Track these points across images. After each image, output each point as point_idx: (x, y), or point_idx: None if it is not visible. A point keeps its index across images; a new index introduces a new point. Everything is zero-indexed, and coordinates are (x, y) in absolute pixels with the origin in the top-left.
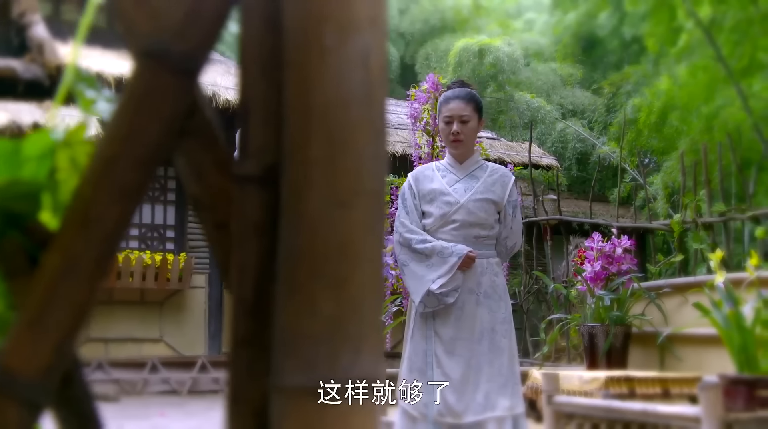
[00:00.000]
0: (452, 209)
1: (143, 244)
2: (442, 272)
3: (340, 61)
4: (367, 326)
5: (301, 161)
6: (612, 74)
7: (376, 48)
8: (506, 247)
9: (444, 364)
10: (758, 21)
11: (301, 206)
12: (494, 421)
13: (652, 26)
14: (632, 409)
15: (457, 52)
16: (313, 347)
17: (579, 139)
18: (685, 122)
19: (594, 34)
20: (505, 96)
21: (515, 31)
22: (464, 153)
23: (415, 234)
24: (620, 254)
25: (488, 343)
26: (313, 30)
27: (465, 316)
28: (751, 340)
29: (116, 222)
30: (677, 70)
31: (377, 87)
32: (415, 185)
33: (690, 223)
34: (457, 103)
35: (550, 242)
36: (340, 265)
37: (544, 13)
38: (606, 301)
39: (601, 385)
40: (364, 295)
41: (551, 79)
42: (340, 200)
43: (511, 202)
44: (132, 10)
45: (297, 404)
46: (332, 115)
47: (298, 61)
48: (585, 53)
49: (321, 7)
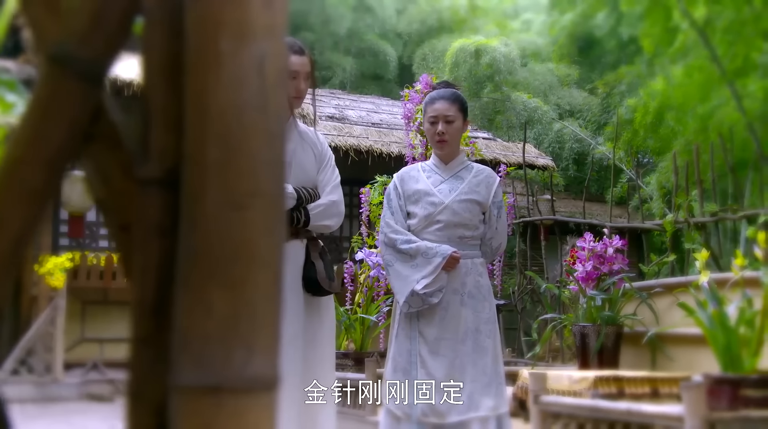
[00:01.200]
0: (437, 210)
1: None
2: (427, 273)
3: (235, 67)
4: (262, 327)
5: (197, 164)
6: (609, 74)
7: (272, 55)
8: (491, 247)
9: (428, 364)
10: (752, 21)
11: (197, 208)
12: (478, 421)
13: (647, 27)
14: (617, 409)
15: (453, 52)
16: (208, 347)
17: (576, 139)
18: (681, 122)
19: (591, 34)
20: (502, 96)
21: (512, 32)
22: (449, 153)
23: (400, 234)
24: (612, 254)
25: (472, 344)
26: (209, 36)
27: (449, 316)
28: (735, 340)
29: (23, 222)
30: (673, 70)
31: (273, 93)
32: (401, 186)
33: (683, 223)
34: (442, 104)
35: (544, 242)
36: (235, 267)
37: (542, 13)
38: (597, 301)
39: (590, 385)
40: (259, 296)
41: (548, 79)
42: (236, 202)
43: (496, 202)
44: (41, 17)
45: (192, 403)
46: (227, 120)
47: (195, 66)
48: (582, 53)
49: (217, 14)
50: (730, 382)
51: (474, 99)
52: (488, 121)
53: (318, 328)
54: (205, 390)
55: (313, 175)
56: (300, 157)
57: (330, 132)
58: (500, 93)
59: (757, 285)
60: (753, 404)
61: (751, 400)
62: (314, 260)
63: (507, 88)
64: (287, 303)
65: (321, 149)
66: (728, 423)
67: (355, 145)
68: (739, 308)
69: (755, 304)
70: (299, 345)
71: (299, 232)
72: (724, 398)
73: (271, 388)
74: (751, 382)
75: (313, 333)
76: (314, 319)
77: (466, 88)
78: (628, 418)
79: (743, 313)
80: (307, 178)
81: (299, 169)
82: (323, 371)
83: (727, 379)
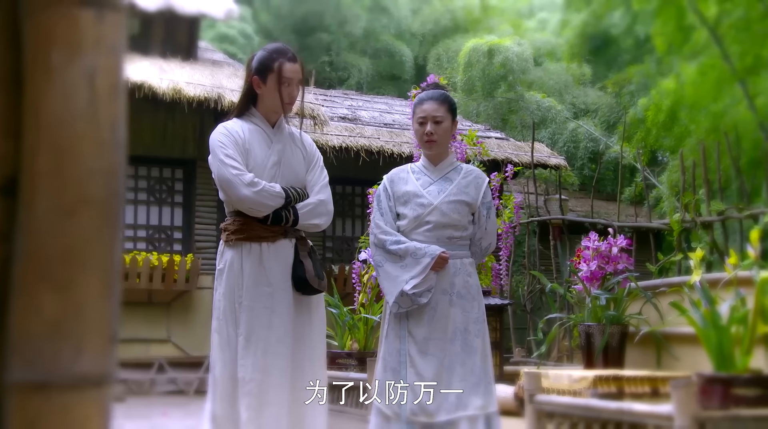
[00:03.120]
0: (425, 211)
1: (150, 246)
2: (415, 273)
3: (66, 79)
4: (91, 327)
5: (30, 172)
6: (617, 73)
7: (104, 69)
8: (481, 247)
9: (417, 364)
10: (762, 19)
11: (30, 214)
12: (466, 419)
13: (659, 25)
14: (608, 408)
15: (466, 52)
16: (37, 346)
17: (591, 138)
18: (694, 121)
19: (607, 32)
20: (516, 96)
21: (528, 31)
22: (438, 154)
23: (389, 235)
24: (616, 254)
25: (461, 343)
26: (42, 49)
27: (438, 316)
28: (726, 339)
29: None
30: (685, 68)
31: (104, 104)
32: (390, 187)
33: (690, 222)
34: (431, 104)
35: (553, 242)
36: (64, 270)
37: (558, 12)
38: (602, 301)
39: (590, 384)
40: (89, 298)
41: (563, 78)
42: (65, 209)
43: (485, 203)
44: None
45: (22, 399)
46: (58, 130)
47: (30, 77)
48: (599, 52)
49: (50, 28)
50: (721, 381)
51: (487, 99)
52: (502, 120)
53: (308, 326)
54: (34, 386)
55: (302, 176)
56: (289, 158)
57: (341, 133)
58: (514, 93)
59: (752, 284)
60: (744, 403)
61: (742, 399)
62: (303, 259)
63: (521, 88)
64: (276, 302)
65: (309, 151)
66: (718, 422)
67: (366, 146)
68: (731, 307)
69: (748, 303)
70: (288, 343)
71: (288, 231)
72: (715, 397)
73: (101, 385)
74: (742, 381)
75: (303, 331)
76: (304, 318)
77: (479, 87)
78: (620, 417)
79: (735, 311)
80: (296, 178)
81: (288, 170)
82: (313, 370)
83: (718, 378)
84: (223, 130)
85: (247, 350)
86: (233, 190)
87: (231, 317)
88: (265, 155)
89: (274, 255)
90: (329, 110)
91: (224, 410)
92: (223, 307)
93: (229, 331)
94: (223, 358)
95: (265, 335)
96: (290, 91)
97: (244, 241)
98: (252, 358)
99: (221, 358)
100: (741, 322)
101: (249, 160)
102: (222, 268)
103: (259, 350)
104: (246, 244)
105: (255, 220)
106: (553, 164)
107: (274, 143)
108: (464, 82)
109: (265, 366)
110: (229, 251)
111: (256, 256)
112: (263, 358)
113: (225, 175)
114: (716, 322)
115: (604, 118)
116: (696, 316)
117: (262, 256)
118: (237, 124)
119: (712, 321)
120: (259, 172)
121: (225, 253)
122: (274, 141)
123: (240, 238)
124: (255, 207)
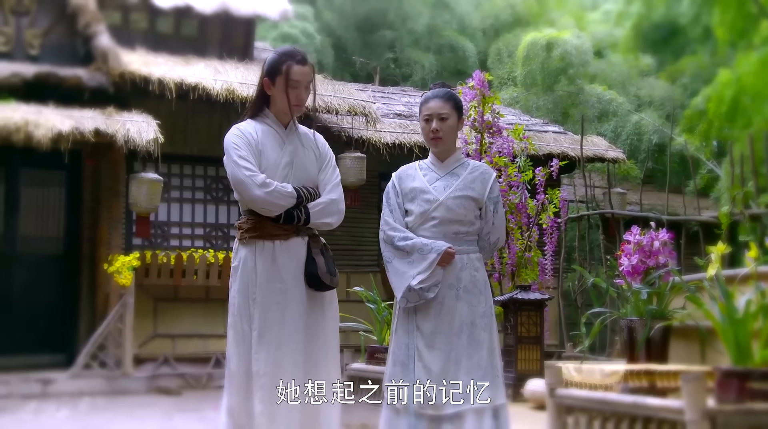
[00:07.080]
0: (431, 207)
1: (207, 243)
2: (422, 268)
3: None
4: None
5: None
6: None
7: None
8: (489, 242)
9: (425, 358)
10: None
11: None
12: (473, 412)
13: (719, 14)
14: (623, 402)
15: (525, 46)
16: None
17: (654, 130)
18: (758, 112)
19: (674, 22)
20: (576, 89)
21: (591, 23)
22: (445, 151)
23: (398, 231)
24: (657, 248)
25: (467, 337)
26: None
27: (445, 310)
28: (743, 333)
29: None
30: (747, 58)
31: None
32: (398, 184)
33: (738, 214)
34: (436, 102)
35: (602, 236)
36: None
37: (622, 3)
38: (643, 295)
39: (621, 379)
40: None
41: (626, 70)
42: None
43: (492, 198)
44: None
45: None
46: None
47: None
48: (665, 42)
49: None
50: (737, 375)
51: (547, 93)
52: (562, 114)
53: (321, 322)
54: None
55: (314, 175)
56: (301, 158)
57: (395, 130)
58: (574, 86)
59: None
60: (759, 397)
61: (757, 393)
62: (315, 256)
63: (581, 81)
64: (289, 298)
65: (322, 151)
66: (729, 415)
67: (420, 142)
68: (748, 301)
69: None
70: (301, 338)
71: (300, 229)
72: (732, 391)
73: None
74: (758, 374)
75: (316, 327)
76: (317, 314)
77: (539, 81)
78: (634, 411)
79: (752, 305)
80: (308, 178)
81: (300, 170)
82: (327, 366)
83: (734, 372)
84: (237, 131)
85: (260, 345)
86: (246, 190)
87: (245, 313)
88: (278, 156)
89: (286, 252)
90: (386, 107)
91: (240, 403)
92: (237, 303)
93: (244, 326)
94: (238, 353)
95: (278, 331)
96: (298, 94)
97: (257, 238)
98: (265, 353)
99: (236, 353)
100: (759, 316)
101: (262, 161)
102: (236, 265)
103: (273, 345)
104: (259, 241)
105: (268, 218)
106: (610, 157)
107: (287, 144)
108: (524, 76)
109: (278, 360)
110: (243, 249)
111: (269, 254)
112: (276, 352)
113: (238, 176)
114: (733, 316)
115: (667, 110)
116: (714, 311)
117: (275, 254)
118: (250, 125)
119: (729, 315)
120: (271, 173)
121: (239, 250)
122: (286, 142)
123: (253, 236)
124: (267, 207)
